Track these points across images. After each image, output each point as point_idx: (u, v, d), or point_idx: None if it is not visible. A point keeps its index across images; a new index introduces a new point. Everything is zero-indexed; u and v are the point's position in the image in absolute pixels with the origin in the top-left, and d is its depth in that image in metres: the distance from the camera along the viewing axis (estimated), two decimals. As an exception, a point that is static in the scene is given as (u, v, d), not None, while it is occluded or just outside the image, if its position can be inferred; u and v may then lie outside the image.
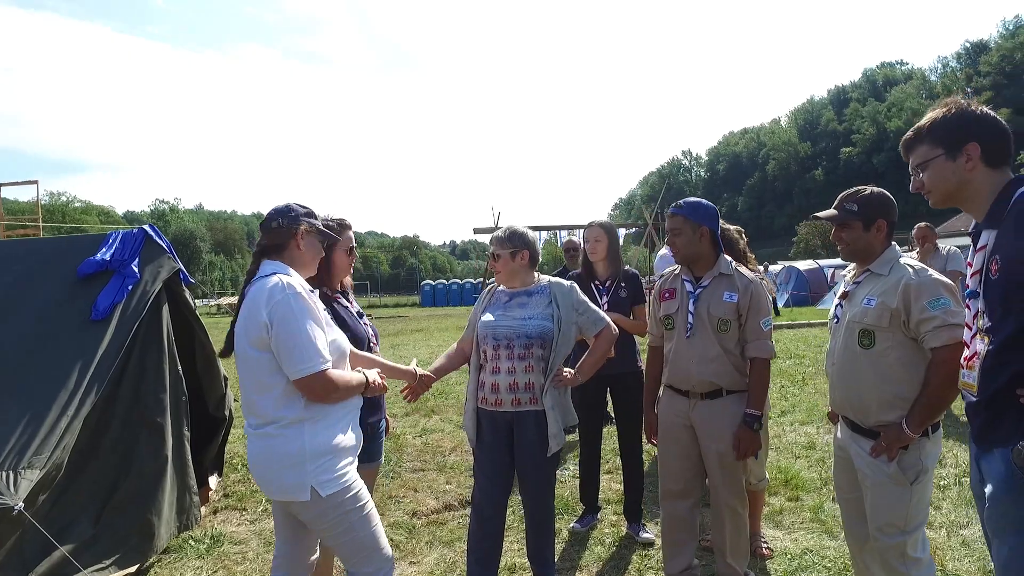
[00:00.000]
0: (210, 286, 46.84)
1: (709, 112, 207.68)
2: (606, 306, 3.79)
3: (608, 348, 2.99)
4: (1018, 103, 57.98)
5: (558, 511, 3.54)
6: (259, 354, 2.18)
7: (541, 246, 6.93)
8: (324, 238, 2.44)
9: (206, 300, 34.72)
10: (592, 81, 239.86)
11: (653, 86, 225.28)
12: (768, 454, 4.06)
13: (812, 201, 68.84)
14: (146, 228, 4.03)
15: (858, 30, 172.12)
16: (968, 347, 1.78)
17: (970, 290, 1.77)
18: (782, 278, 22.99)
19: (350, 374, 2.34)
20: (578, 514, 4.07)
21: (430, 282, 42.10)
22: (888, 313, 2.29)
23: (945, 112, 1.83)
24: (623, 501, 3.99)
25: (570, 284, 3.00)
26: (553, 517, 3.02)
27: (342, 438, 2.27)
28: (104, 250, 3.80)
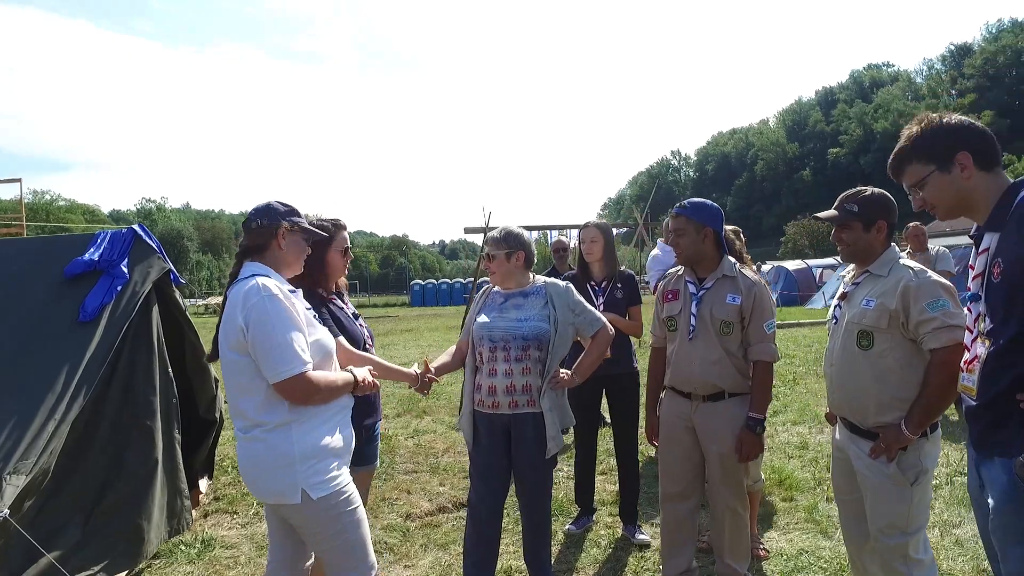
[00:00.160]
0: (198, 286, 46.42)
1: (698, 112, 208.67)
2: (602, 307, 3.78)
3: (605, 349, 2.97)
4: (1001, 105, 58.88)
5: (553, 513, 3.52)
6: (238, 358, 2.13)
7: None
8: (309, 236, 2.37)
9: (194, 300, 34.40)
10: (581, 81, 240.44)
11: (642, 86, 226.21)
12: (763, 454, 4.07)
13: (800, 201, 69.28)
14: (136, 228, 3.96)
15: (845, 31, 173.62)
16: (969, 350, 1.78)
17: (972, 293, 1.77)
18: (771, 278, 23.11)
19: (335, 374, 2.28)
20: (573, 516, 4.06)
21: (419, 282, 42.00)
22: (887, 314, 2.29)
23: (924, 127, 1.83)
24: (618, 503, 3.98)
25: (566, 285, 2.98)
26: (550, 519, 3.01)
27: (332, 439, 2.22)
28: (92, 250, 3.73)
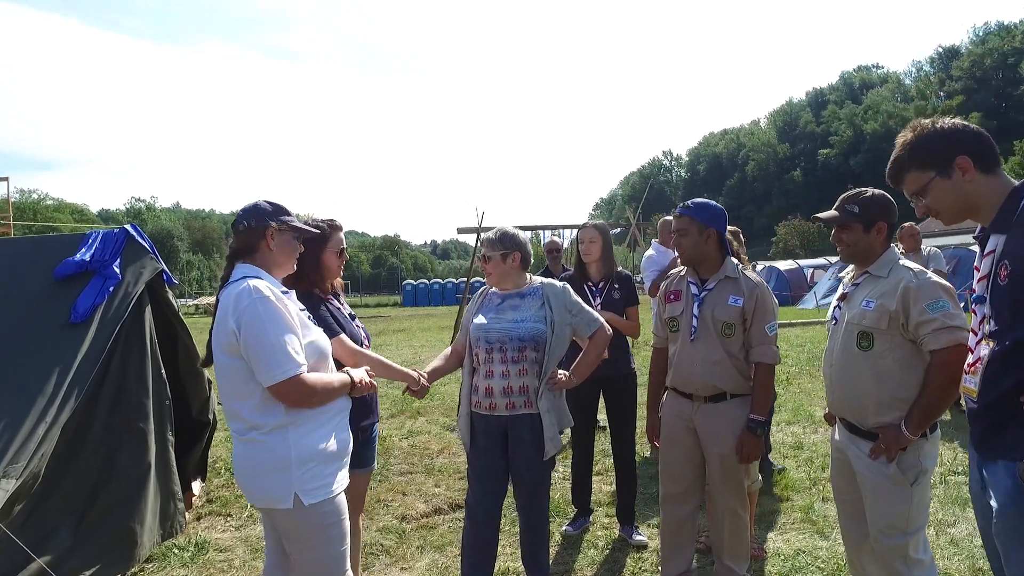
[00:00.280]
0: (188, 286, 46.08)
1: (689, 113, 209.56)
2: (599, 307, 3.77)
3: (603, 349, 2.96)
4: (988, 107, 59.42)
5: (550, 514, 3.50)
6: (232, 361, 2.09)
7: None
8: (299, 235, 2.31)
9: (184, 300, 34.17)
10: (573, 82, 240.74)
11: (634, 87, 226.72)
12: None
13: (791, 202, 69.61)
14: (128, 228, 3.91)
15: (835, 33, 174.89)
16: (972, 352, 1.77)
17: (976, 295, 1.76)
18: (763, 278, 23.18)
19: (331, 375, 2.24)
20: (570, 517, 4.05)
21: (411, 282, 41.81)
22: (887, 315, 2.29)
23: (919, 134, 1.82)
24: (615, 503, 3.97)
25: (563, 285, 2.97)
26: (548, 521, 3.00)
27: (330, 442, 2.17)
28: (84, 250, 3.69)
